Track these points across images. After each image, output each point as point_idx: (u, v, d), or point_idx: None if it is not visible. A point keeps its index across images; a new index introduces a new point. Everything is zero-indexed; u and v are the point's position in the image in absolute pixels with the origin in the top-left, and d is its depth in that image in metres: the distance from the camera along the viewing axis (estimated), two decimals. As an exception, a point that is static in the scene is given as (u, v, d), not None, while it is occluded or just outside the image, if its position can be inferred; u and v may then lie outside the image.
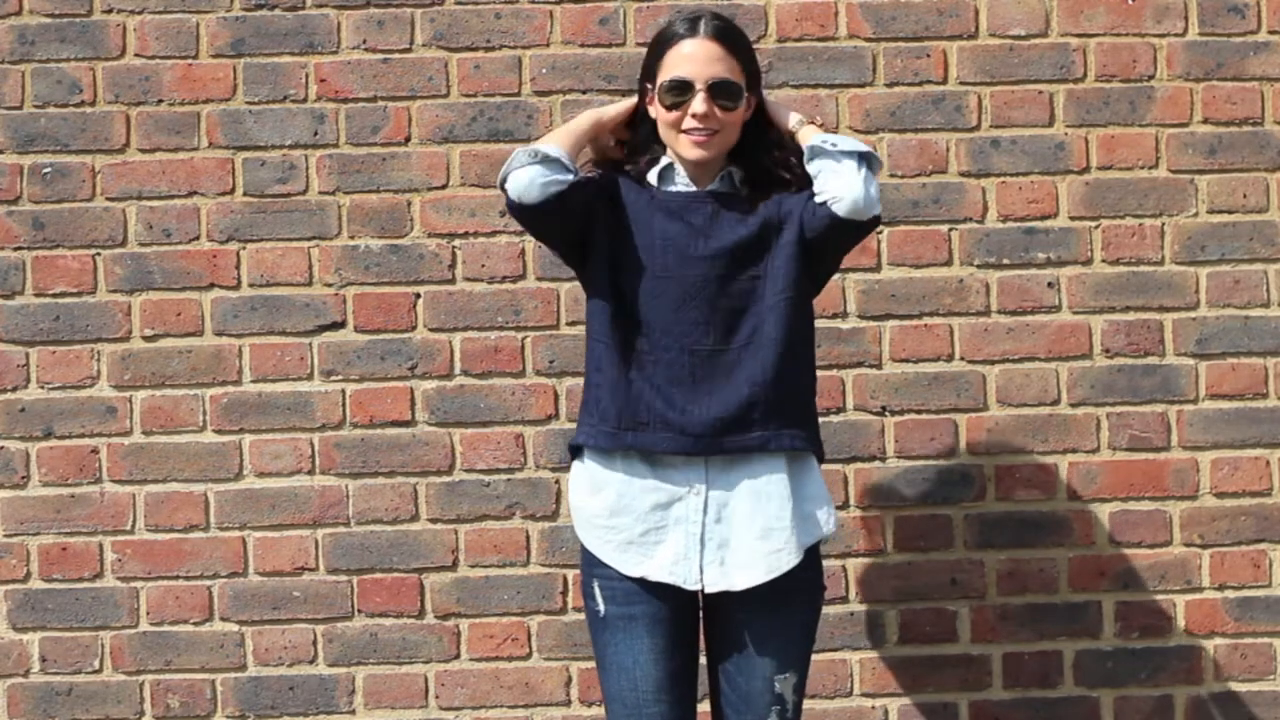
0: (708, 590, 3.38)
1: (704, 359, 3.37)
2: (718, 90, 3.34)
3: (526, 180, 3.34)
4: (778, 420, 3.38)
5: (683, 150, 3.39)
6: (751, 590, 3.37)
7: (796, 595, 3.41)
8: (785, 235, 3.39)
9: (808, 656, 3.44)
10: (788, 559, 3.38)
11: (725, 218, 3.41)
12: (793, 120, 3.45)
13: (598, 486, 3.43)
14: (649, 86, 3.41)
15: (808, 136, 3.41)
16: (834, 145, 3.35)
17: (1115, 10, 4.19)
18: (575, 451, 3.48)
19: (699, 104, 3.34)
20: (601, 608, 3.42)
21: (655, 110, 3.41)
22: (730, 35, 3.39)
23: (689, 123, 3.36)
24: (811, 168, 3.37)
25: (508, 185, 3.36)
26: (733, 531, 3.38)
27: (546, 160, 3.34)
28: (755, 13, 4.16)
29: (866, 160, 3.35)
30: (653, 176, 3.45)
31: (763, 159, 3.44)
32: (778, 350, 3.37)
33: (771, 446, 3.37)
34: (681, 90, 3.35)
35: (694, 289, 3.37)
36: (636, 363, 3.39)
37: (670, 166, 3.45)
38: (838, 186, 3.33)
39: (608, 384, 3.40)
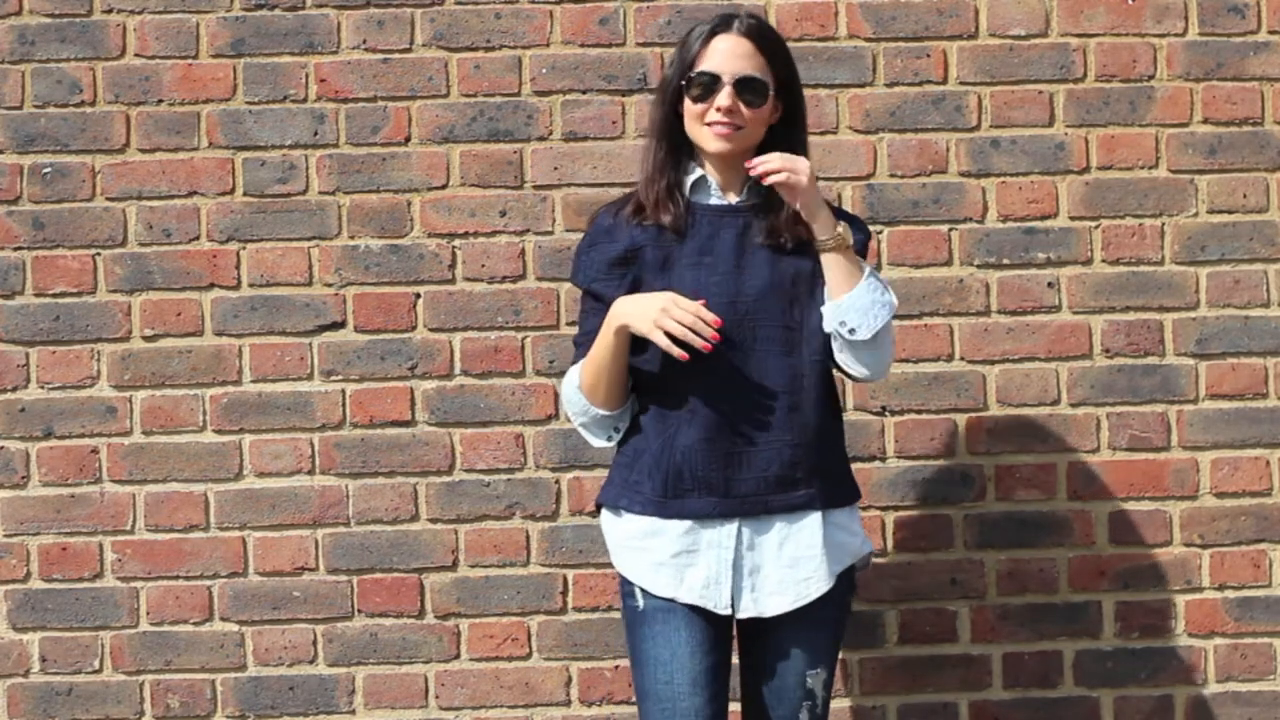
0: (739, 616, 3.41)
1: (745, 415, 3.38)
2: (744, 86, 3.36)
3: (594, 437, 3.50)
4: (820, 476, 3.41)
5: (705, 142, 3.40)
6: None
7: (828, 596, 3.42)
8: (817, 295, 3.41)
9: (837, 654, 3.48)
10: (817, 587, 3.40)
11: (756, 254, 3.40)
12: (822, 229, 3.39)
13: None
14: (681, 82, 3.41)
15: (829, 266, 3.38)
16: (852, 333, 3.36)
17: (1115, 10, 4.19)
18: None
19: (724, 98, 3.35)
20: (641, 603, 3.42)
21: (684, 106, 3.42)
22: (762, 35, 3.40)
23: (713, 115, 3.37)
24: (828, 327, 3.40)
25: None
26: (764, 558, 3.40)
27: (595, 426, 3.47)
28: (755, 12, 4.15)
29: (885, 333, 3.40)
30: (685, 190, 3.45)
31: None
32: (819, 406, 3.41)
33: (817, 505, 3.40)
34: (708, 83, 3.36)
35: (731, 339, 3.35)
36: (676, 422, 3.40)
37: (703, 179, 3.45)
38: (858, 370, 3.42)
39: (650, 449, 3.41)
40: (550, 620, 4.15)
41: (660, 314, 3.30)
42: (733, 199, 3.45)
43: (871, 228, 4.14)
